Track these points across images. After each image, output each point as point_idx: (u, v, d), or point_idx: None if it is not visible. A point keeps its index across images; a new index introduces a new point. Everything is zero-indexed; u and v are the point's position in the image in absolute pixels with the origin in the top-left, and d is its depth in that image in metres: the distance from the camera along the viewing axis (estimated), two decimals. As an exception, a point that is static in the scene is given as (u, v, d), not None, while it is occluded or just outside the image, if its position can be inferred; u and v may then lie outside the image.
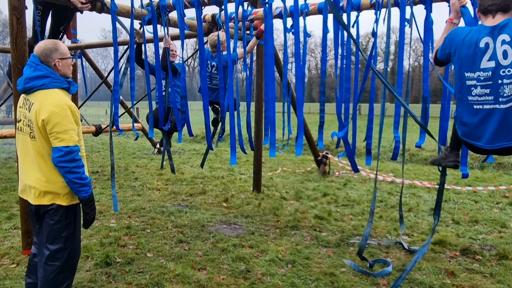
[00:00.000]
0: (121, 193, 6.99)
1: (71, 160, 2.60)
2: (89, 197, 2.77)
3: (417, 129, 3.99)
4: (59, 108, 2.60)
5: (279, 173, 9.20)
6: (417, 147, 4.01)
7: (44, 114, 2.58)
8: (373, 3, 4.23)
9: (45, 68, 2.71)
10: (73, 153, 2.61)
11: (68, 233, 2.78)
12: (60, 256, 2.75)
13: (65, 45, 2.84)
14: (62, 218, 2.75)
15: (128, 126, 6.80)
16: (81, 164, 2.68)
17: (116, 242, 4.60)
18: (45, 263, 2.74)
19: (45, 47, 2.73)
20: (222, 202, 6.52)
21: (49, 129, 2.59)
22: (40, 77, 2.68)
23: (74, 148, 2.62)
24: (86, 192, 2.73)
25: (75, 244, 2.87)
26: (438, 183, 3.77)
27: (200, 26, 3.82)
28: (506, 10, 2.67)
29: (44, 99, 2.64)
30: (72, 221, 2.81)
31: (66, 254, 2.78)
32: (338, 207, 6.37)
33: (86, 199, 2.75)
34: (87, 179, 2.73)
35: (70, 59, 2.81)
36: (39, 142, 2.67)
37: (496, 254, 4.45)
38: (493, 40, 2.62)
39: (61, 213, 2.74)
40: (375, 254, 4.47)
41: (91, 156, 11.29)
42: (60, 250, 2.75)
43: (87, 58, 9.92)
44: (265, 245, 4.66)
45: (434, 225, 3.64)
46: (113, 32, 4.38)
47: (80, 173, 2.66)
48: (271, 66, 3.63)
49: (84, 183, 2.70)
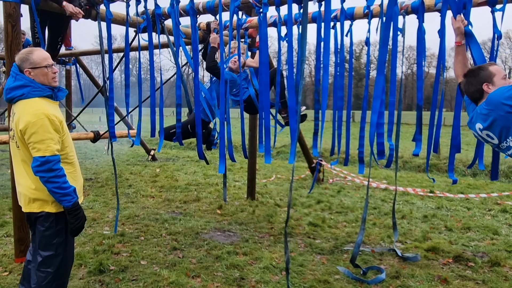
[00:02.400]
0: (114, 200, 6.95)
1: (48, 170, 2.55)
2: (73, 206, 2.69)
3: (410, 136, 4.02)
4: (36, 117, 2.55)
5: (273, 180, 9.21)
6: (414, 155, 4.05)
7: (22, 124, 2.56)
8: (366, 13, 4.30)
9: (24, 77, 2.67)
10: (50, 163, 2.55)
11: (60, 240, 2.77)
12: (52, 263, 2.74)
13: (42, 54, 2.73)
14: (52, 225, 2.73)
15: (125, 133, 6.79)
16: (61, 173, 2.61)
17: (109, 250, 4.58)
18: (38, 269, 2.74)
19: (19, 56, 2.70)
20: (216, 209, 6.52)
21: (26, 138, 2.58)
22: (20, 87, 2.65)
23: (51, 158, 2.56)
24: (69, 201, 2.66)
25: (68, 251, 2.85)
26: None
27: (195, 35, 3.85)
28: (476, 101, 2.75)
29: (23, 109, 2.62)
30: (63, 228, 2.79)
31: (58, 260, 2.76)
32: (332, 214, 6.39)
33: (69, 208, 2.68)
34: (68, 188, 2.65)
35: (46, 67, 2.71)
36: (23, 151, 2.67)
37: (488, 261, 4.48)
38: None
39: (51, 220, 2.73)
40: (368, 261, 4.48)
41: (84, 163, 11.25)
42: (52, 256, 2.74)
43: (82, 65, 9.92)
44: (259, 252, 4.66)
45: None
46: (108, 40, 4.40)
47: (59, 182, 2.59)
48: (265, 74, 3.66)
49: (64, 193, 2.63)
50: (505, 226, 5.86)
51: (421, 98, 3.81)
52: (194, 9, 3.94)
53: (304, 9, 3.29)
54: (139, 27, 4.42)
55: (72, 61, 9.77)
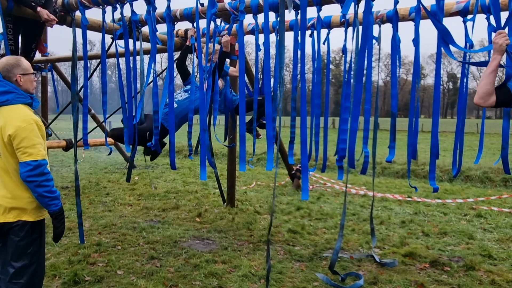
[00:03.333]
0: (91, 209, 6.84)
1: (40, 174, 2.61)
2: (59, 211, 2.76)
3: (388, 142, 4.07)
4: (26, 122, 2.61)
5: (253, 187, 9.19)
6: (387, 162, 4.09)
7: (11, 129, 2.57)
8: (342, 21, 4.36)
9: (8, 83, 2.69)
10: (42, 167, 2.61)
11: (34, 249, 2.74)
12: (25, 273, 2.69)
13: (28, 62, 2.83)
14: (27, 234, 2.71)
15: (100, 141, 6.68)
16: (50, 177, 2.69)
17: (85, 260, 4.48)
18: (10, 281, 2.67)
19: (6, 62, 2.72)
20: (195, 217, 6.46)
21: (16, 144, 2.58)
22: (3, 93, 2.65)
23: (42, 162, 2.62)
24: (56, 205, 2.73)
25: (41, 260, 2.82)
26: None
27: (170, 41, 3.83)
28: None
29: (10, 115, 2.63)
30: (38, 237, 2.78)
31: (31, 270, 2.72)
32: (312, 221, 6.41)
33: (56, 212, 2.74)
34: (56, 192, 2.72)
35: (33, 75, 2.80)
36: (4, 158, 2.64)
37: (463, 265, 4.55)
38: None
39: (26, 229, 2.70)
40: (347, 268, 4.50)
41: (61, 171, 11.04)
42: (26, 266, 2.70)
43: (58, 71, 9.77)
44: (238, 260, 4.63)
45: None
46: (84, 47, 4.34)
47: (49, 186, 2.66)
48: (242, 81, 3.66)
49: (54, 196, 2.69)
50: (480, 230, 5.97)
51: (395, 106, 3.86)
52: (170, 16, 3.92)
53: (281, 17, 3.31)
54: (115, 33, 4.38)
55: (48, 67, 9.61)
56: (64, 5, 4.39)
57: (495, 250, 5.06)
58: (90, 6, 4.23)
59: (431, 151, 3.69)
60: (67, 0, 4.36)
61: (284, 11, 3.26)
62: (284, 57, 3.44)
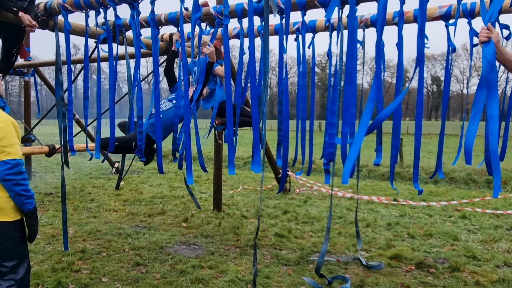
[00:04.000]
0: (76, 215, 6.74)
1: (18, 173, 2.67)
2: (34, 209, 2.83)
3: (374, 145, 4.10)
4: (3, 123, 2.68)
5: (240, 191, 9.17)
6: (375, 165, 4.11)
7: None
8: (327, 25, 4.37)
9: None
10: (20, 166, 2.69)
11: (20, 247, 2.81)
12: (19, 270, 2.76)
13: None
14: (10, 234, 2.75)
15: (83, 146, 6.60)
16: (26, 176, 2.76)
17: (69, 267, 4.41)
18: (2, 279, 2.71)
19: None
20: (182, 222, 6.41)
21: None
22: None
23: (20, 161, 2.70)
24: (31, 204, 2.79)
25: (28, 257, 2.89)
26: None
27: (155, 46, 3.80)
28: None
29: None
30: (21, 235, 2.83)
31: (26, 266, 2.81)
32: (298, 224, 6.41)
33: (31, 211, 2.81)
34: (31, 191, 2.79)
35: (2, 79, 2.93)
36: None
37: (448, 267, 4.60)
38: None
39: (8, 229, 2.74)
40: (334, 271, 4.51)
41: (44, 177, 10.87)
42: (18, 264, 2.76)
43: (41, 76, 9.64)
44: (224, 265, 4.60)
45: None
46: (67, 51, 4.28)
47: (26, 185, 2.73)
48: (228, 85, 3.65)
49: (29, 195, 2.76)
50: (464, 231, 6.04)
51: (380, 109, 3.88)
52: (154, 20, 3.89)
53: (265, 21, 3.30)
54: (98, 38, 4.33)
55: (31, 72, 9.48)
56: (46, 10, 4.32)
57: (479, 251, 5.12)
58: (73, 10, 4.17)
59: (415, 154, 3.72)
60: (49, 4, 4.30)
61: (268, 16, 3.26)
62: (268, 62, 3.44)
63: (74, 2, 4.08)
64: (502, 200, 8.09)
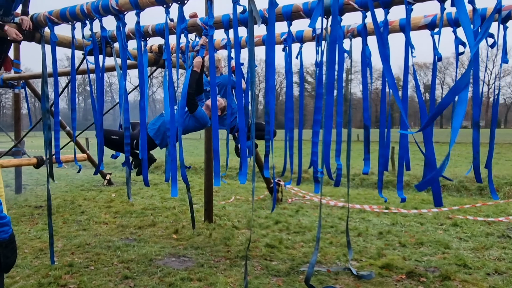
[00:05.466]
0: (65, 228, 6.66)
1: None
2: (10, 238, 2.45)
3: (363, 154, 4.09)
4: None
5: (232, 202, 9.12)
6: (364, 174, 4.11)
7: None
8: (314, 36, 4.39)
9: None
10: None
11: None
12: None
13: None
14: None
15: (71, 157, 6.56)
16: (0, 201, 2.42)
17: (55, 282, 4.34)
18: None
19: None
20: (172, 234, 6.35)
21: None
22: None
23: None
24: (6, 232, 2.43)
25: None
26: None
27: (140, 57, 3.80)
28: None
29: None
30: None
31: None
32: (290, 235, 6.37)
33: (6, 240, 2.43)
34: (5, 218, 2.44)
35: None
36: None
37: (439, 276, 4.57)
38: None
39: None
40: (324, 281, 4.47)
41: (35, 189, 10.77)
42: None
43: (31, 88, 9.60)
44: (214, 277, 4.55)
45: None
46: (53, 63, 4.27)
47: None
48: (214, 96, 3.64)
49: (3, 223, 2.41)
50: (456, 239, 6.03)
51: (367, 118, 3.89)
52: (140, 32, 3.89)
53: (250, 31, 3.31)
54: (85, 50, 4.32)
55: (22, 85, 9.44)
56: (32, 22, 4.32)
57: (470, 259, 5.11)
58: (59, 22, 4.17)
59: (399, 162, 3.73)
60: (35, 17, 4.30)
61: (253, 26, 3.27)
62: (255, 72, 3.44)
63: (60, 14, 4.08)
64: (493, 207, 8.11)
